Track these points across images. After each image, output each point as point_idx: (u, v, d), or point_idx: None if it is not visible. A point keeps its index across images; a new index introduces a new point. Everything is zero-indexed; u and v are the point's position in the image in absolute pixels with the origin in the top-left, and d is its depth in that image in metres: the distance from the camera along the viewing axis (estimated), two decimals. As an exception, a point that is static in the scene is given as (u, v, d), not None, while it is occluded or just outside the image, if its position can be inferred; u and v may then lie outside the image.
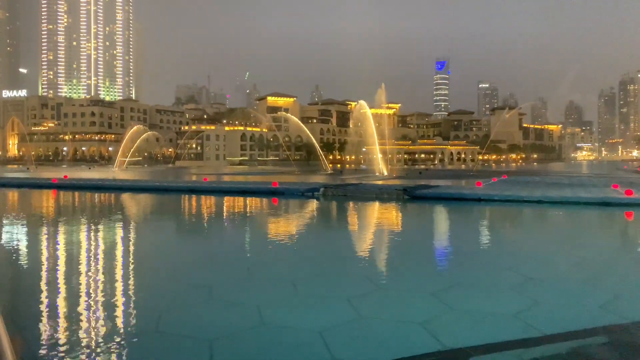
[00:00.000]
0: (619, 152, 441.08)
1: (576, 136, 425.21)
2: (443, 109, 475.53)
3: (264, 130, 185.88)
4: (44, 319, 7.35)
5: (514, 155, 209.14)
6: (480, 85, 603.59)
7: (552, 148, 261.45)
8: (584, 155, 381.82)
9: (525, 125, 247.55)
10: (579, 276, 10.06)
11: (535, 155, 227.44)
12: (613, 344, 6.36)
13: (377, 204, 25.40)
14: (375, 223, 19.55)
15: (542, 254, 12.89)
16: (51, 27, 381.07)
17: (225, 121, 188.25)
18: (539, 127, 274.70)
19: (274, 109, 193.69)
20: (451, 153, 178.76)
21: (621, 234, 17.73)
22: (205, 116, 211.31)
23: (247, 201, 28.11)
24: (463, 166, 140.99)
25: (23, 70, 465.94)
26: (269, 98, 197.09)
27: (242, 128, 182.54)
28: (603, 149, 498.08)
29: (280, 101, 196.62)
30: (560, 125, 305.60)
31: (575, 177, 49.29)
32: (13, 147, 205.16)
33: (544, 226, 19.38)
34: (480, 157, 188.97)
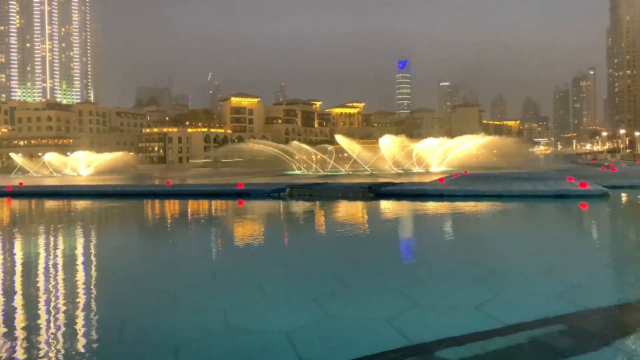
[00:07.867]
0: (574, 145, 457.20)
1: (533, 131, 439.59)
2: (406, 107, 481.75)
3: (228, 131, 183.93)
4: (2, 331, 7.05)
5: (475, 151, 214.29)
6: (441, 84, 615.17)
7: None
8: (541, 149, 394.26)
9: (485, 121, 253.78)
10: (537, 267, 10.40)
11: (495, 151, 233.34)
12: (570, 331, 6.61)
13: (343, 203, 25.55)
14: (341, 222, 19.65)
15: (502, 247, 13.29)
16: (2, 28, 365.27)
17: (188, 123, 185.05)
18: (498, 123, 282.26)
19: (238, 110, 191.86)
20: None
21: (576, 224, 18.44)
22: (167, 118, 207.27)
23: (212, 204, 27.76)
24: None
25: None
26: (232, 99, 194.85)
27: (205, 129, 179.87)
28: (559, 143, 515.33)
29: (245, 101, 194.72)
30: (518, 121, 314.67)
31: (534, 171, 50.94)
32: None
33: (505, 219, 19.95)
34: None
